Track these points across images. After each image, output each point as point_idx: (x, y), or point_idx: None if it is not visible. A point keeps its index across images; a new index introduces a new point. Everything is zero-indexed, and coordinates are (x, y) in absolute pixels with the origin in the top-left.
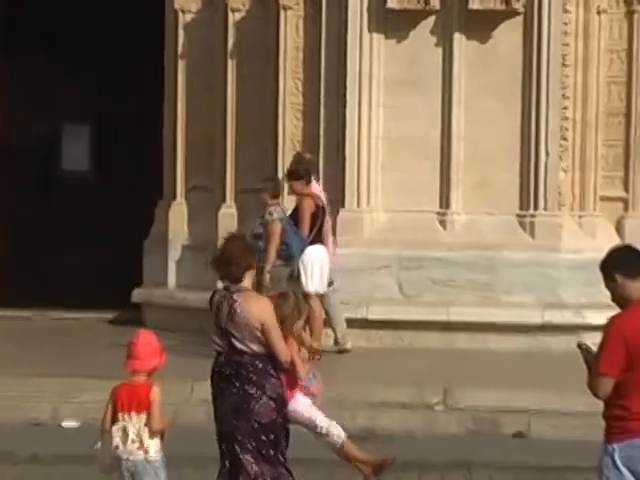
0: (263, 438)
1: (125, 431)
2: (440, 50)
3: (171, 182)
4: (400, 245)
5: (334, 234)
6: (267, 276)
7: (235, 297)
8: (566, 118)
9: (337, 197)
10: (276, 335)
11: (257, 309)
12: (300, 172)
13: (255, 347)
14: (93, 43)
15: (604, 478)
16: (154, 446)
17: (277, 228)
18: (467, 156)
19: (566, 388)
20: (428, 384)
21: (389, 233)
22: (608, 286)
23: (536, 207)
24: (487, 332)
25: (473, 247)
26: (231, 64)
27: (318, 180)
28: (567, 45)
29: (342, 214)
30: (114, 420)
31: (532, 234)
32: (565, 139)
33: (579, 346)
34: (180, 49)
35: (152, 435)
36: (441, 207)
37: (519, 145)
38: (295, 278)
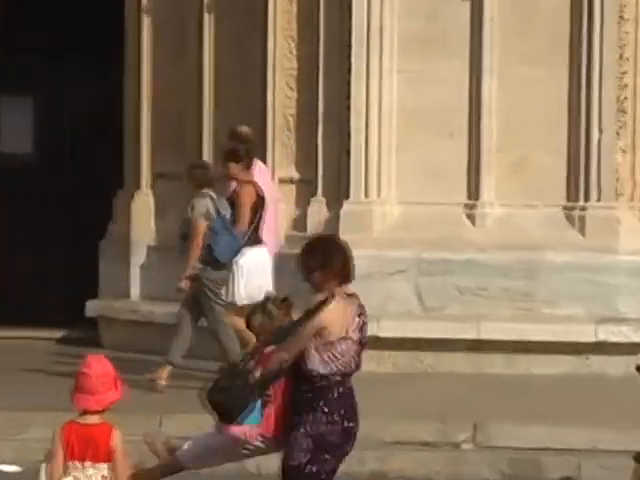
0: None
1: None
2: (468, 3)
3: (134, 168)
4: (419, 245)
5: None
6: (183, 283)
7: None
8: (625, 86)
9: (339, 186)
10: None
11: None
12: (239, 152)
13: None
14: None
15: None
16: None
17: (200, 226)
18: (501, 133)
19: (624, 422)
20: (454, 417)
21: (405, 231)
22: None
23: (587, 198)
24: (527, 353)
25: (509, 247)
26: (208, 21)
27: (266, 163)
28: None
29: (346, 207)
30: (64, 470)
31: (582, 231)
32: (624, 112)
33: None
34: (145, 2)
35: None
36: (469, 198)
37: (566, 120)
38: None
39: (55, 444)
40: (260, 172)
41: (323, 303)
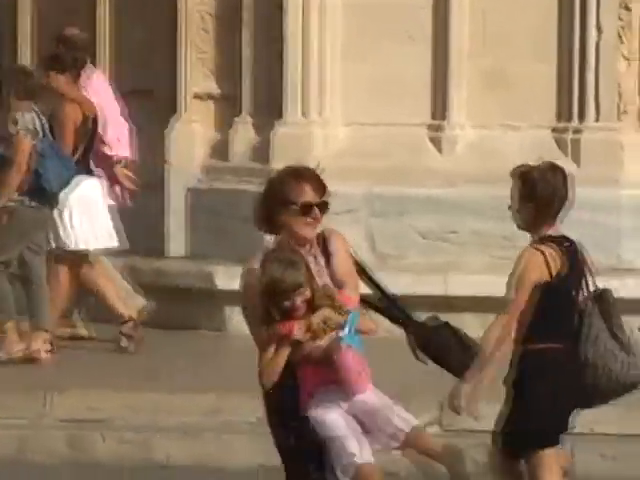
0: None
1: None
2: None
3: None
4: (371, 178)
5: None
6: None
7: None
8: None
9: (270, 104)
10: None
11: None
12: (65, 60)
13: None
14: None
15: None
16: None
17: (25, 145)
18: (474, 36)
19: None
20: (416, 394)
21: (353, 159)
22: None
23: (582, 117)
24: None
25: (484, 180)
26: None
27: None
28: None
29: (279, 129)
30: None
31: (577, 159)
32: (627, 8)
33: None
34: None
35: None
36: (434, 117)
37: (556, 18)
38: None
39: None
40: (98, 86)
41: None
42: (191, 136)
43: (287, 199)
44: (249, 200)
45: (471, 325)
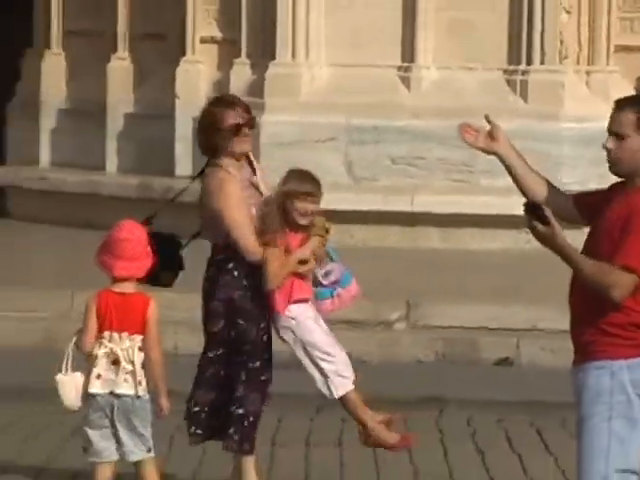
0: (209, 354)
1: (114, 357)
2: None
3: (44, 24)
4: (349, 111)
5: None
6: None
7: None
8: None
9: (265, 47)
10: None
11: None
12: None
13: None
14: None
15: (601, 405)
16: (145, 378)
17: None
18: None
19: (567, 300)
20: (386, 295)
21: (335, 95)
22: (630, 144)
23: (530, 60)
24: (464, 227)
25: (446, 114)
26: None
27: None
28: None
29: (272, 69)
30: (97, 342)
31: (524, 96)
32: None
33: (536, 207)
34: None
35: (145, 365)
36: (404, 60)
37: None
38: None
39: (88, 314)
40: None
41: None
42: (197, 74)
43: (222, 124)
44: None
45: (433, 238)
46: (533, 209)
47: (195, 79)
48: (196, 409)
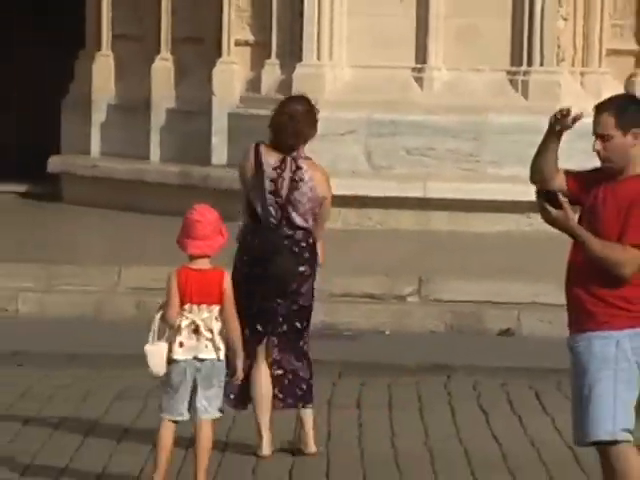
0: (297, 324)
1: (195, 326)
2: None
3: (95, 29)
4: (369, 107)
5: None
6: None
7: (301, 164)
8: None
9: (293, 49)
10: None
11: (323, 181)
12: None
13: (311, 222)
14: None
15: (608, 371)
16: (222, 345)
17: None
18: (449, 1)
19: (564, 277)
20: (400, 272)
21: (355, 93)
22: (614, 143)
23: (530, 62)
24: (471, 211)
25: (455, 110)
26: None
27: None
28: None
29: (299, 69)
30: (179, 313)
31: (525, 94)
32: None
33: (545, 194)
34: None
35: (221, 331)
36: (418, 62)
37: None
38: None
39: (170, 289)
40: None
41: None
42: (231, 74)
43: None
44: None
45: (443, 221)
46: (548, 196)
47: (230, 78)
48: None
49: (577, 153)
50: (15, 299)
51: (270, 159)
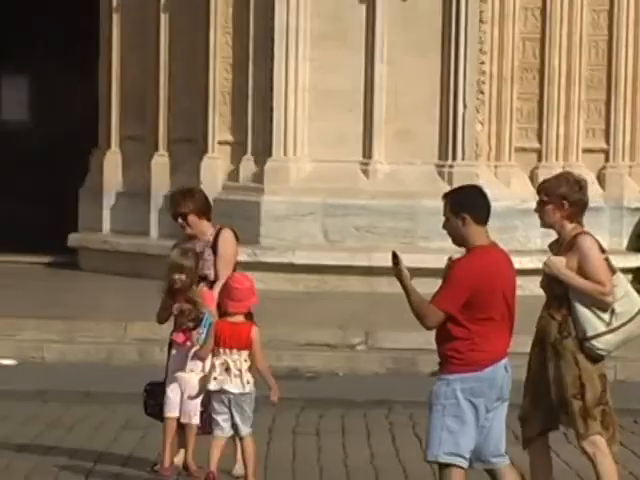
0: None
1: (226, 365)
2: (364, 6)
3: (106, 131)
4: (325, 193)
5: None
6: None
7: None
8: (483, 72)
9: (264, 147)
10: None
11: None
12: None
13: None
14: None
15: (439, 407)
16: (251, 379)
17: None
18: (389, 108)
19: None
20: (351, 326)
21: (315, 182)
22: (451, 223)
23: (454, 157)
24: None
25: (394, 196)
26: (164, 20)
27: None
28: (484, 2)
29: (269, 163)
30: (214, 354)
31: (450, 183)
32: (482, 92)
33: (394, 256)
34: (115, 4)
35: (250, 370)
36: (364, 157)
37: (439, 98)
38: None
39: (210, 337)
40: None
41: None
42: (215, 167)
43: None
44: (252, 207)
45: (384, 284)
46: (394, 257)
47: (214, 170)
48: None
49: (490, 231)
50: (42, 349)
51: None
